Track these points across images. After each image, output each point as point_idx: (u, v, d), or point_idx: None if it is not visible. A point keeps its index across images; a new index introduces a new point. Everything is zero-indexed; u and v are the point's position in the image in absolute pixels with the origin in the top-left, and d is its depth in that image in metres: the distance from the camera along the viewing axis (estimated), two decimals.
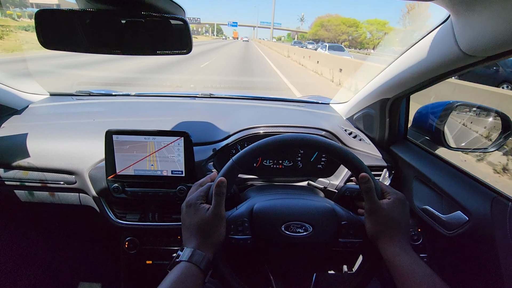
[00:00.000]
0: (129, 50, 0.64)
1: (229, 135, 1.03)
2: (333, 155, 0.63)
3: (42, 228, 1.31)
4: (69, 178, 0.97)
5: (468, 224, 0.70)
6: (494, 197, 0.67)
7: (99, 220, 0.99)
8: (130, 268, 1.13)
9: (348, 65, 9.42)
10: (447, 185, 0.79)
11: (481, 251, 0.68)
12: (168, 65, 10.35)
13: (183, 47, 0.63)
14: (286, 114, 1.32)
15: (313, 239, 0.62)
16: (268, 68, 12.60)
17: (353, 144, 1.06)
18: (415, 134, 1.03)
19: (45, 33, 0.58)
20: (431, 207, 0.83)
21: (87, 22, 0.59)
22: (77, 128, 1.06)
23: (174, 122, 1.08)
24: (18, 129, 1.01)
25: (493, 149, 0.92)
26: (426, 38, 0.65)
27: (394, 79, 0.83)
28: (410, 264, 0.53)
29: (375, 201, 0.58)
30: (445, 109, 0.93)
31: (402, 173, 0.99)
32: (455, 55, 0.57)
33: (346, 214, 0.65)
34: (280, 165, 1.10)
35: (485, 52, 0.52)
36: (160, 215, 0.97)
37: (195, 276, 0.52)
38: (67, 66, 8.58)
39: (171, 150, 0.88)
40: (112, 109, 1.28)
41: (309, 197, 0.77)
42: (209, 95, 1.45)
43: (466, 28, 0.51)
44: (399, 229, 0.57)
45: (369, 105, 1.05)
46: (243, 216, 0.64)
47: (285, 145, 0.63)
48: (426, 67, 0.68)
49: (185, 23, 0.60)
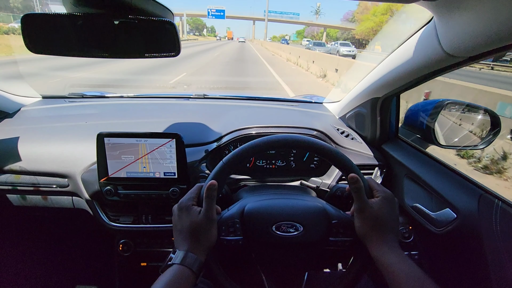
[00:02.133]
0: (117, 53, 0.64)
1: (222, 136, 1.03)
2: (323, 156, 0.63)
3: (36, 232, 1.30)
4: (61, 181, 0.96)
5: (456, 221, 0.70)
6: (481, 194, 0.68)
7: (92, 223, 0.99)
8: (125, 270, 1.13)
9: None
10: (436, 183, 0.80)
11: (469, 247, 0.69)
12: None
13: (171, 50, 0.62)
14: (279, 114, 1.32)
15: (304, 239, 0.63)
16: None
17: (345, 143, 1.07)
18: (407, 132, 1.04)
19: (32, 38, 0.58)
20: (421, 205, 0.84)
21: (74, 26, 0.59)
22: (69, 131, 1.05)
23: (167, 124, 1.08)
24: (10, 132, 1.01)
25: (482, 146, 0.93)
26: (411, 39, 0.66)
27: (383, 79, 0.84)
28: (398, 263, 0.53)
29: (364, 201, 0.59)
30: (435, 107, 0.94)
31: (393, 171, 1.00)
32: (438, 56, 0.57)
33: (337, 213, 0.66)
34: (273, 165, 1.10)
35: (467, 53, 0.52)
36: (153, 217, 0.97)
37: (187, 278, 0.53)
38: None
39: (163, 152, 0.88)
40: (105, 111, 1.28)
41: (300, 197, 0.77)
42: (203, 96, 1.45)
43: (448, 29, 0.52)
44: (387, 228, 0.58)
45: (361, 104, 1.05)
46: (234, 217, 0.64)
47: (275, 146, 0.63)
48: (411, 68, 0.69)
49: (172, 25, 0.60)
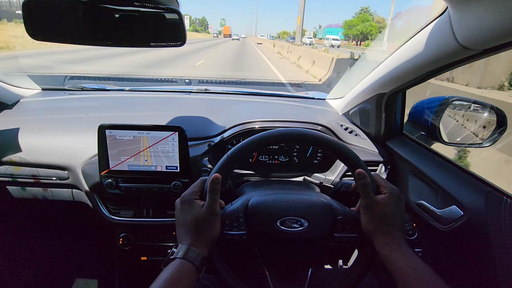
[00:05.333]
0: (122, 42, 0.62)
1: (225, 130, 1.02)
2: (329, 150, 0.62)
3: (35, 225, 1.29)
4: (61, 173, 0.95)
5: (463, 218, 0.70)
6: (489, 192, 0.67)
7: (92, 216, 0.98)
8: (125, 264, 1.12)
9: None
10: (442, 180, 0.79)
11: (475, 245, 0.68)
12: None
13: (176, 39, 0.61)
14: (282, 109, 1.31)
15: (308, 234, 0.62)
16: None
17: (349, 139, 1.06)
18: (411, 129, 1.03)
19: (33, 24, 0.56)
20: (426, 201, 0.83)
21: (78, 13, 0.57)
22: (69, 123, 1.04)
23: (168, 117, 1.06)
24: (9, 123, 0.99)
25: (488, 144, 0.92)
26: (423, 31, 0.64)
27: (390, 74, 0.83)
28: (405, 259, 0.53)
29: (370, 197, 0.58)
30: (440, 104, 0.93)
31: (398, 168, 0.99)
32: (452, 48, 0.56)
33: (342, 209, 0.65)
34: (276, 161, 1.09)
35: (482, 45, 0.51)
36: (154, 211, 0.96)
37: (190, 273, 0.52)
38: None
39: (165, 145, 0.87)
40: (106, 104, 1.26)
41: (305, 192, 0.76)
42: (205, 91, 1.44)
43: (463, 20, 0.51)
44: (394, 224, 0.57)
45: (365, 100, 1.04)
46: (238, 212, 0.63)
47: (281, 140, 0.62)
48: (423, 61, 0.67)
49: (179, 15, 0.58)
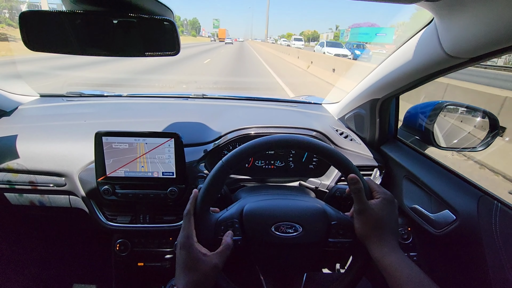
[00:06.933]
0: (117, 51, 0.63)
1: (221, 135, 1.03)
2: (322, 156, 0.63)
3: (33, 231, 1.29)
4: (58, 180, 0.96)
5: (456, 223, 0.70)
6: (480, 196, 0.68)
7: (89, 223, 0.98)
8: (122, 270, 1.12)
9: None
10: (436, 184, 0.80)
11: (468, 249, 0.69)
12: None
13: (171, 49, 0.62)
14: (277, 114, 1.32)
15: (303, 239, 0.62)
16: None
17: (344, 144, 1.07)
18: (406, 134, 1.04)
19: (30, 35, 0.57)
20: (420, 206, 0.84)
21: (73, 24, 0.58)
22: (67, 129, 1.04)
23: (165, 123, 1.07)
24: (7, 130, 1.00)
25: (481, 148, 0.93)
26: (411, 40, 0.66)
27: (382, 80, 0.84)
28: (398, 264, 0.53)
29: (364, 202, 0.59)
30: (434, 109, 0.94)
31: (392, 173, 1.00)
32: (439, 57, 0.57)
33: (336, 214, 0.66)
34: (272, 166, 1.10)
35: (468, 54, 0.52)
36: (151, 217, 0.97)
37: None
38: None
39: (161, 151, 0.88)
40: (103, 110, 1.27)
41: (300, 198, 0.77)
42: (202, 96, 1.45)
43: (449, 30, 0.52)
44: (388, 229, 0.58)
45: (360, 105, 1.05)
46: (233, 217, 0.64)
47: (275, 146, 0.63)
48: (412, 69, 0.69)
49: (172, 24, 0.60)
